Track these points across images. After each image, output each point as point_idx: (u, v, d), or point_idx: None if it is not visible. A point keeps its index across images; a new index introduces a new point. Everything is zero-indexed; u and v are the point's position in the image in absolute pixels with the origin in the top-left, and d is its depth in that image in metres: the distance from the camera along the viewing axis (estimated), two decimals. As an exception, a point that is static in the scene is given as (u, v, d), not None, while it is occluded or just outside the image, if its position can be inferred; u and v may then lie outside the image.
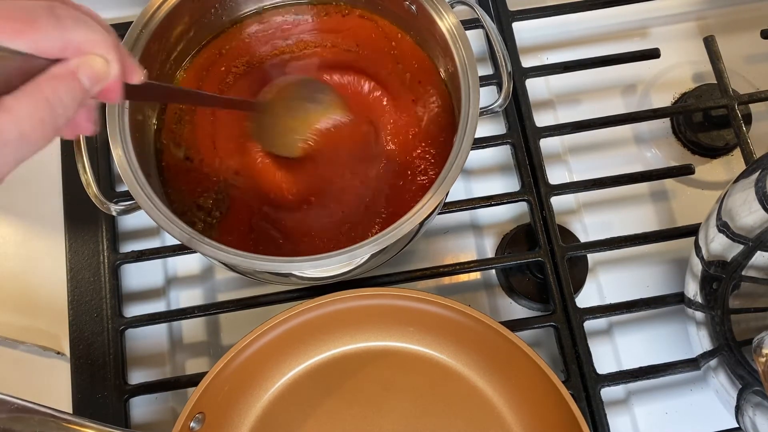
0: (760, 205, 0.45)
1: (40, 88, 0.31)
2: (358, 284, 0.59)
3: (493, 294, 0.64)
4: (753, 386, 0.46)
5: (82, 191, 0.52)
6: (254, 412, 0.55)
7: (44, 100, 0.31)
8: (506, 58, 0.55)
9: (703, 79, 0.71)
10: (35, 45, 0.30)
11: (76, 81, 0.32)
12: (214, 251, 0.48)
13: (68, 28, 0.31)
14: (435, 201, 0.48)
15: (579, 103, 0.70)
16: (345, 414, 0.55)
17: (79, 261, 0.61)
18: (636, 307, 0.60)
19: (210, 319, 0.62)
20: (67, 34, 0.31)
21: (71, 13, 0.32)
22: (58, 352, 0.60)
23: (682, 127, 0.69)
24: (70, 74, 0.32)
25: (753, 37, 0.70)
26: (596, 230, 0.65)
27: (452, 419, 0.55)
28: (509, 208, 0.66)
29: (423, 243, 0.65)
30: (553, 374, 0.51)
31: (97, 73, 0.33)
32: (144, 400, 0.59)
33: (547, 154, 0.65)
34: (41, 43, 0.31)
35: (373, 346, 0.57)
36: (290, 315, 0.52)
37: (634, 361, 0.60)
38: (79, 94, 0.32)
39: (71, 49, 0.32)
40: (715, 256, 0.49)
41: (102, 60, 0.33)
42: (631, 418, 0.60)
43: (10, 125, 0.29)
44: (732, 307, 0.47)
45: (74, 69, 0.32)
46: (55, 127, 0.31)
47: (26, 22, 0.30)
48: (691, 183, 0.68)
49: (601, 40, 0.72)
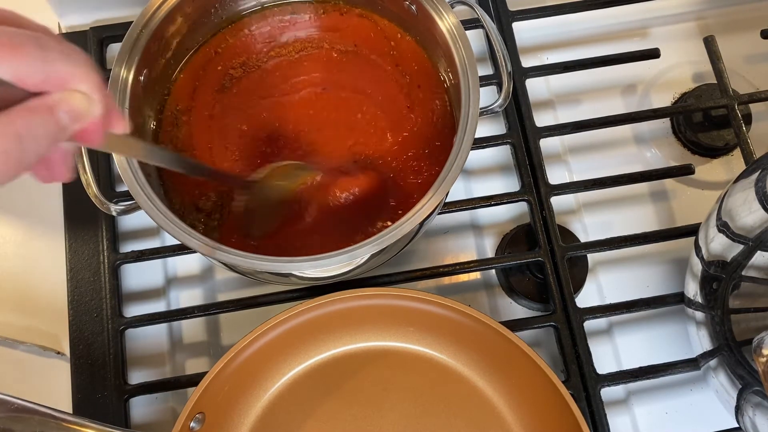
0: (760, 205, 0.45)
1: (12, 119, 0.29)
2: (358, 284, 0.59)
3: (493, 294, 0.64)
4: (753, 386, 0.46)
5: (82, 191, 0.52)
6: (254, 412, 0.56)
7: (14, 133, 0.28)
8: (506, 58, 0.55)
9: (703, 79, 0.71)
10: (16, 72, 0.29)
11: (53, 116, 0.30)
12: (214, 251, 0.48)
13: (53, 60, 0.30)
14: (435, 201, 0.48)
15: (579, 103, 0.70)
16: (345, 414, 0.55)
17: (79, 261, 0.61)
18: (636, 307, 0.60)
19: (210, 319, 0.62)
20: (50, 66, 0.30)
21: (58, 46, 0.30)
22: (58, 352, 0.60)
23: (682, 127, 0.69)
24: (47, 108, 0.30)
25: (753, 37, 0.70)
26: (596, 230, 0.65)
27: (452, 419, 0.55)
28: (509, 208, 0.66)
29: (423, 243, 0.65)
30: (553, 374, 0.51)
31: (77, 110, 0.31)
32: (144, 400, 0.59)
33: (547, 154, 0.65)
34: (22, 70, 0.29)
35: (373, 346, 0.57)
36: (290, 315, 0.52)
37: (634, 361, 0.60)
38: (54, 130, 0.30)
39: (53, 83, 0.30)
40: (715, 256, 0.49)
41: (84, 97, 0.31)
42: (631, 418, 0.60)
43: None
44: (732, 307, 0.47)
45: (53, 103, 0.30)
46: (22, 162, 0.29)
47: (10, 47, 0.28)
48: (691, 183, 0.68)
49: (601, 40, 0.72)
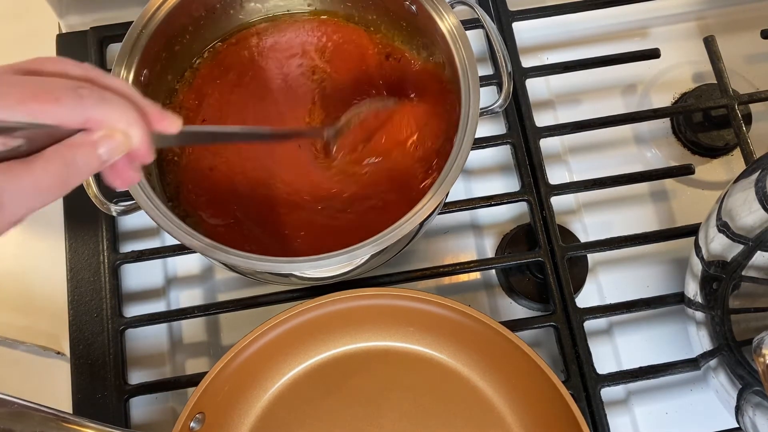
0: (760, 205, 0.45)
1: (60, 152, 0.35)
2: (358, 284, 0.59)
3: (493, 294, 0.64)
4: (753, 386, 0.46)
5: (82, 191, 0.52)
6: (254, 412, 0.55)
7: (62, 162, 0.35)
8: (506, 58, 0.55)
9: (703, 79, 0.71)
10: (59, 120, 0.34)
11: (94, 151, 0.36)
12: (214, 251, 0.48)
13: (89, 106, 0.35)
14: (435, 201, 0.48)
15: (579, 103, 0.70)
16: (345, 414, 0.55)
17: (79, 261, 0.61)
18: (636, 307, 0.60)
19: (210, 319, 0.62)
20: (88, 112, 0.35)
21: (95, 93, 0.35)
22: (58, 352, 0.60)
23: (682, 127, 0.69)
24: (90, 144, 0.36)
25: (753, 37, 0.70)
26: (596, 230, 0.65)
27: (452, 419, 0.55)
28: (509, 208, 0.66)
29: (423, 243, 0.65)
30: (553, 374, 0.51)
31: (115, 146, 0.37)
32: (144, 400, 0.59)
33: (547, 154, 0.65)
34: (64, 117, 0.34)
35: (373, 346, 0.57)
36: (290, 315, 0.52)
37: (634, 361, 0.60)
38: (95, 162, 0.36)
39: (92, 124, 0.35)
40: (715, 256, 0.49)
41: (122, 134, 0.37)
42: (631, 418, 0.60)
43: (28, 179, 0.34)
44: (732, 307, 0.47)
45: (95, 140, 0.36)
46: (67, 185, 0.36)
47: (50, 102, 0.34)
48: (691, 183, 0.68)
49: (601, 40, 0.72)
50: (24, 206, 0.35)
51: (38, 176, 0.34)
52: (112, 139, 0.36)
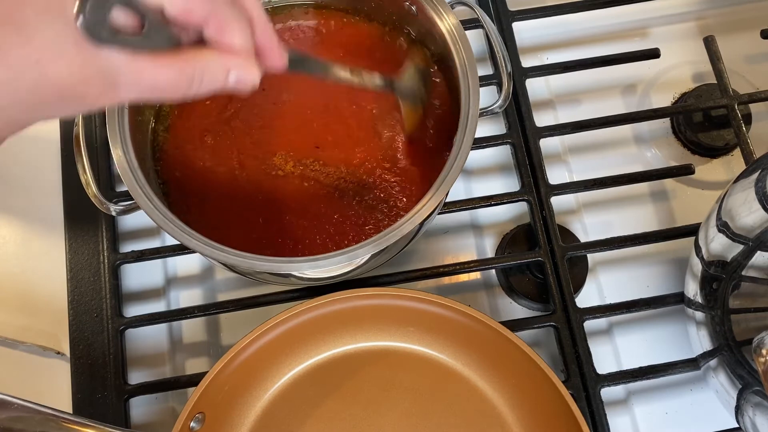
0: (760, 205, 0.45)
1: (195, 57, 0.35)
2: (358, 284, 0.59)
3: (493, 294, 0.64)
4: (753, 386, 0.46)
5: (82, 191, 0.52)
6: (254, 412, 0.56)
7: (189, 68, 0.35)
8: (506, 59, 0.55)
9: (703, 79, 0.71)
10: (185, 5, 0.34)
11: (225, 73, 0.36)
12: (214, 251, 0.48)
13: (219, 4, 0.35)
14: (435, 201, 0.48)
15: (579, 103, 0.70)
16: (345, 414, 0.55)
17: (79, 261, 0.61)
18: (636, 307, 0.60)
19: (210, 319, 0.62)
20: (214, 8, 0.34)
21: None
22: (58, 352, 0.60)
23: (682, 127, 0.69)
24: (224, 65, 0.36)
25: (753, 37, 0.70)
26: (596, 230, 0.65)
27: (452, 419, 0.55)
28: (509, 208, 0.66)
29: (423, 243, 0.65)
30: (553, 374, 0.51)
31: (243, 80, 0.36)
32: (144, 400, 0.59)
33: (547, 154, 0.65)
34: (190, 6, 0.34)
35: (373, 346, 0.57)
36: (290, 315, 0.52)
37: (634, 361, 0.60)
38: (219, 83, 0.36)
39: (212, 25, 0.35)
40: (715, 256, 0.49)
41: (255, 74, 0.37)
42: (631, 418, 0.60)
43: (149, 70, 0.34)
44: (732, 307, 0.47)
45: (231, 66, 0.36)
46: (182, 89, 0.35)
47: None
48: (691, 183, 0.68)
49: (601, 40, 0.72)
50: (136, 93, 0.34)
51: (160, 71, 0.34)
52: (247, 71, 0.36)
